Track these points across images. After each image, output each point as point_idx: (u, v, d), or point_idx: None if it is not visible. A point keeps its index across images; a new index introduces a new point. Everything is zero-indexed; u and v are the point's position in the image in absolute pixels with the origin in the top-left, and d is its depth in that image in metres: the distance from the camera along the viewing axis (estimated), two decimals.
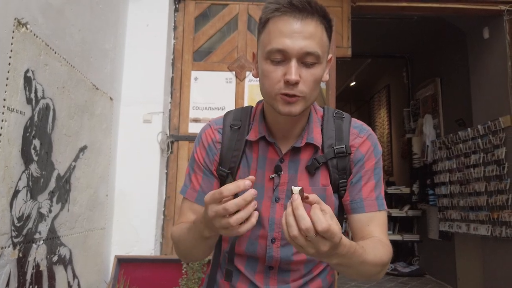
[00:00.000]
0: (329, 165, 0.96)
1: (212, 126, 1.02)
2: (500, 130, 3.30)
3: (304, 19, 0.84)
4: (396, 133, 6.07)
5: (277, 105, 0.88)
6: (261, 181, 0.96)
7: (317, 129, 0.98)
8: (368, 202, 0.95)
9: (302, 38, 0.83)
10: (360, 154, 0.97)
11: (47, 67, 1.69)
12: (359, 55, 5.64)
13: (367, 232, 0.94)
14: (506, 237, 3.19)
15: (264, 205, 0.95)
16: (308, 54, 0.84)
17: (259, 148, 0.98)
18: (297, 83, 0.84)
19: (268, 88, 0.88)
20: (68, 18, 1.92)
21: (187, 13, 3.16)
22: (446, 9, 3.27)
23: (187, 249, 0.94)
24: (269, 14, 0.87)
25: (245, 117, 1.01)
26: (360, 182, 0.96)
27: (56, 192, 1.82)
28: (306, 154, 0.96)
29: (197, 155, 1.01)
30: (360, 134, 0.99)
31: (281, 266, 0.96)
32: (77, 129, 2.06)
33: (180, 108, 3.04)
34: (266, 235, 0.95)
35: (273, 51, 0.85)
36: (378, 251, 0.87)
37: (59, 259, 1.90)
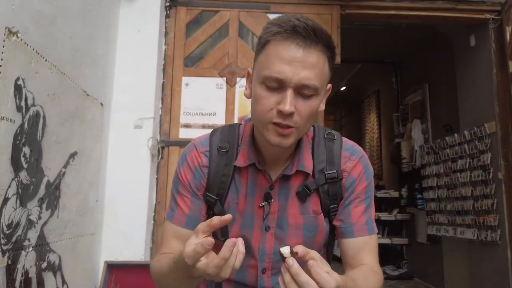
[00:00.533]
0: (320, 191, 0.93)
1: (198, 149, 0.97)
2: (486, 136, 3.37)
3: (307, 48, 0.79)
4: (386, 138, 6.14)
5: (267, 134, 0.83)
6: (250, 210, 0.93)
7: (307, 154, 0.94)
8: (358, 227, 0.93)
9: (302, 67, 0.78)
10: (352, 179, 0.94)
11: (38, 75, 1.70)
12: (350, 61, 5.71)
13: (357, 259, 0.92)
14: (491, 241, 3.25)
15: (255, 234, 0.92)
16: (307, 86, 0.80)
17: (248, 174, 0.94)
18: (291, 114, 0.80)
19: (260, 115, 0.83)
20: (59, 25, 1.93)
21: (178, 19, 3.18)
22: (433, 17, 3.33)
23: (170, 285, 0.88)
24: (270, 36, 0.81)
25: (233, 139, 0.96)
26: (349, 206, 0.94)
27: (46, 199, 1.83)
28: (297, 181, 0.94)
29: (182, 177, 0.96)
30: (351, 157, 0.96)
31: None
32: (68, 136, 2.07)
33: (171, 113, 3.06)
34: (256, 265, 0.93)
35: (270, 77, 0.80)
36: (369, 282, 0.85)
37: (48, 266, 1.91)
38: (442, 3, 3.26)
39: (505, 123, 3.16)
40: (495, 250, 3.25)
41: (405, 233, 5.39)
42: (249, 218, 0.93)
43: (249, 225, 0.93)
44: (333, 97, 7.69)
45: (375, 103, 6.60)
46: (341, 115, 9.07)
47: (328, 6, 3.23)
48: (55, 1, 1.88)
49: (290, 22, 0.79)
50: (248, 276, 0.94)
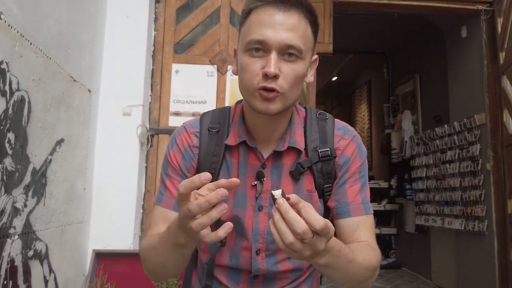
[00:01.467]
0: (313, 170, 0.92)
1: (188, 130, 0.95)
2: (475, 127, 3.39)
3: (287, 11, 0.80)
4: (376, 128, 6.16)
5: (254, 102, 0.82)
6: (243, 189, 0.91)
7: (299, 131, 0.93)
8: (354, 206, 0.91)
9: (284, 29, 0.78)
10: (345, 157, 0.93)
11: (22, 58, 1.65)
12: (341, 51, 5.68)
13: (354, 237, 0.90)
14: (478, 231, 3.29)
15: (248, 214, 0.89)
16: (290, 47, 0.79)
17: (240, 153, 0.92)
18: (276, 77, 0.79)
19: (246, 82, 0.82)
20: (44, 8, 1.87)
21: (168, 4, 3.12)
22: (425, 7, 3.32)
23: (158, 262, 0.85)
24: (251, 4, 0.82)
25: (224, 119, 0.95)
26: (345, 186, 0.92)
27: (32, 186, 1.79)
28: (289, 158, 0.92)
29: (172, 159, 0.94)
30: (344, 136, 0.95)
31: (267, 275, 0.92)
32: (54, 122, 2.02)
33: (161, 101, 3.01)
34: (250, 246, 0.90)
35: (253, 41, 0.80)
36: (366, 254, 0.82)
37: (35, 254, 1.88)
38: None
39: (494, 114, 3.18)
40: (482, 240, 3.29)
41: (393, 223, 5.44)
42: (241, 198, 0.90)
43: (242, 204, 0.90)
44: (324, 87, 7.68)
45: (366, 93, 6.60)
46: (332, 105, 9.08)
47: None
48: None
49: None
50: (242, 260, 0.91)
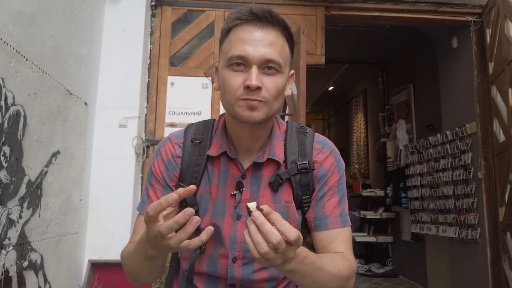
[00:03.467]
0: (292, 181, 0.94)
1: (172, 140, 0.98)
2: (467, 136, 3.44)
3: (265, 28, 0.84)
4: (372, 137, 6.21)
5: (238, 111, 0.84)
6: (222, 198, 0.93)
7: (279, 144, 0.96)
8: (332, 219, 0.93)
9: (263, 45, 0.83)
10: (323, 170, 0.95)
11: (18, 74, 1.70)
12: (336, 61, 5.76)
13: (330, 248, 0.92)
14: (471, 239, 3.32)
15: (226, 223, 0.92)
16: (269, 61, 0.83)
17: (221, 163, 0.95)
18: (259, 89, 0.82)
19: (228, 96, 0.85)
20: (40, 25, 1.93)
21: (164, 18, 3.19)
22: (415, 19, 3.39)
23: (134, 271, 0.88)
24: (230, 23, 0.86)
25: (207, 131, 0.98)
26: (323, 199, 0.94)
27: (27, 198, 1.83)
28: (268, 170, 0.94)
29: (155, 169, 0.97)
30: (323, 149, 0.97)
31: (243, 285, 0.94)
32: (50, 135, 2.07)
33: (156, 112, 3.07)
34: (227, 254, 0.92)
35: (234, 57, 0.83)
36: (336, 262, 0.83)
37: (30, 265, 1.91)
38: (424, 6, 3.32)
39: (485, 123, 3.23)
40: (475, 248, 3.32)
41: (390, 232, 5.46)
42: (220, 207, 0.93)
43: (221, 213, 0.92)
44: (321, 96, 7.75)
45: (362, 103, 6.66)
46: (329, 114, 9.14)
47: (313, 7, 3.27)
48: (36, 0, 1.88)
49: (247, 8, 0.85)
50: (220, 267, 0.93)
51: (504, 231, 2.91)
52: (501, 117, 2.94)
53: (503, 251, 2.93)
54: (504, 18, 2.86)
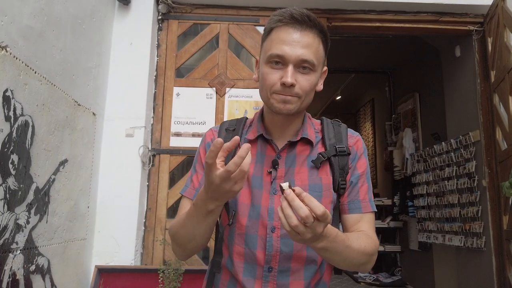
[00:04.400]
0: (332, 162, 1.03)
1: (212, 129, 1.13)
2: (471, 144, 3.45)
3: (303, 31, 0.95)
4: (380, 146, 6.21)
5: (273, 102, 0.96)
6: (259, 173, 1.02)
7: (311, 129, 1.07)
8: (364, 204, 1.04)
9: (300, 46, 0.93)
10: (355, 153, 1.07)
11: (27, 86, 1.80)
12: (343, 70, 5.82)
13: (356, 227, 1.02)
14: (477, 247, 3.31)
15: (264, 196, 1.00)
16: (304, 62, 0.94)
17: (258, 146, 1.05)
18: (293, 86, 0.93)
19: (266, 89, 0.97)
20: (49, 39, 2.04)
21: (170, 31, 3.30)
22: (417, 29, 3.42)
23: (188, 235, 0.96)
24: (273, 24, 0.97)
25: (239, 123, 1.12)
26: (357, 185, 1.04)
27: (34, 204, 1.92)
28: (302, 150, 1.04)
29: (199, 155, 1.09)
30: (353, 135, 1.10)
31: (281, 265, 0.97)
32: (57, 144, 2.16)
33: (162, 122, 3.16)
34: (265, 224, 0.98)
35: (273, 55, 0.95)
36: (362, 240, 0.93)
37: (37, 269, 1.99)
38: (426, 15, 3.36)
39: (488, 131, 3.23)
40: (481, 257, 3.30)
41: (398, 241, 5.43)
42: (258, 181, 1.01)
43: (259, 186, 1.01)
44: (329, 106, 7.78)
45: (370, 112, 6.68)
46: None
47: None
48: (45, 16, 1.99)
49: (288, 11, 0.96)
50: (260, 240, 0.98)
51: (508, 240, 2.89)
52: (503, 125, 2.94)
53: (507, 260, 2.91)
54: (504, 27, 2.88)
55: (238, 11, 3.31)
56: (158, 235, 2.94)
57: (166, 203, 3.02)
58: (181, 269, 2.58)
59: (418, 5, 3.27)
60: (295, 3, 3.27)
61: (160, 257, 2.90)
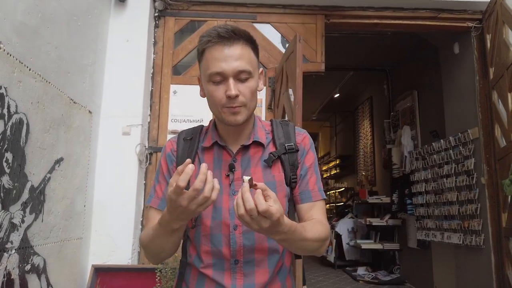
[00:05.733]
0: (283, 160, 1.12)
1: (171, 140, 1.19)
2: (469, 141, 3.43)
3: (232, 45, 1.02)
4: (378, 144, 6.20)
5: (224, 116, 1.04)
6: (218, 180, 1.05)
7: (261, 132, 1.15)
8: (314, 193, 1.14)
9: (234, 60, 1.01)
10: (303, 148, 1.16)
11: (21, 83, 1.78)
12: (341, 68, 5.80)
13: (309, 215, 1.12)
14: (475, 245, 3.30)
15: (224, 199, 1.08)
16: (241, 72, 1.02)
17: (214, 153, 1.13)
18: (237, 96, 1.01)
19: (214, 105, 1.05)
20: (44, 36, 2.01)
21: (167, 29, 3.27)
22: (416, 25, 3.41)
23: (158, 248, 1.04)
24: (204, 45, 1.03)
25: (196, 132, 1.18)
26: (306, 177, 1.14)
27: (30, 203, 1.90)
28: (255, 152, 1.13)
29: (161, 166, 1.16)
30: (300, 132, 1.19)
31: (246, 257, 1.06)
32: (53, 142, 2.14)
33: (159, 120, 3.13)
34: (228, 223, 1.07)
35: (213, 74, 1.01)
36: (316, 229, 1.03)
37: (32, 268, 1.97)
38: (424, 12, 3.34)
39: (487, 129, 3.22)
40: (480, 254, 3.29)
41: (397, 239, 5.42)
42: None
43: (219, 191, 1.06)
44: (327, 103, 7.77)
45: (368, 110, 6.66)
46: (336, 122, 9.14)
47: (313, 16, 3.32)
48: (40, 13, 1.96)
49: (214, 31, 1.03)
50: (223, 238, 1.07)
51: (507, 237, 2.89)
52: (502, 122, 2.93)
53: (506, 257, 2.90)
54: (502, 24, 2.87)
55: (235, 8, 3.29)
56: None
57: None
58: None
59: (416, 1, 3.26)
60: (292, 0, 3.25)
61: None
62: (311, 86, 5.26)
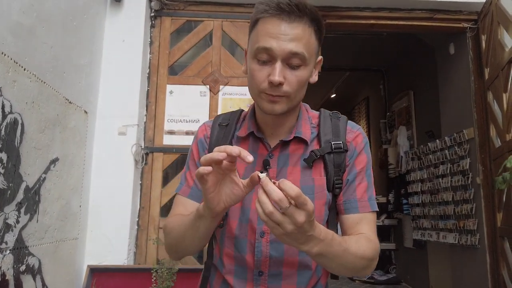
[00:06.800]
0: (326, 160, 0.96)
1: (206, 124, 1.08)
2: (465, 141, 3.45)
3: (292, 22, 0.86)
4: (375, 144, 6.22)
5: (261, 102, 0.91)
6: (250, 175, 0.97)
7: (306, 125, 1.00)
8: (362, 203, 0.96)
9: (288, 40, 0.85)
10: (354, 149, 0.98)
11: (16, 83, 1.77)
12: (338, 68, 5.81)
13: (355, 229, 0.94)
14: (471, 245, 3.31)
15: (254, 200, 0.91)
16: (294, 55, 0.86)
17: (249, 145, 0.99)
18: (281, 84, 0.86)
19: (253, 87, 0.91)
20: (39, 36, 2.00)
21: (163, 29, 3.26)
22: (412, 26, 3.42)
23: (178, 234, 0.92)
24: (259, 14, 0.89)
25: (234, 117, 1.06)
26: (354, 182, 0.96)
27: (24, 203, 1.89)
28: (296, 149, 0.97)
29: (192, 152, 1.05)
30: (353, 129, 1.01)
31: (272, 269, 0.93)
32: (48, 142, 2.13)
33: (155, 120, 3.13)
34: (255, 228, 0.93)
35: (260, 49, 0.87)
36: (361, 244, 0.86)
37: (27, 269, 1.96)
38: (420, 13, 3.35)
39: (482, 129, 3.23)
40: (475, 254, 3.31)
41: (393, 238, 5.44)
42: None
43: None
44: (324, 104, 7.78)
45: (365, 110, 6.68)
46: None
47: None
48: (35, 12, 1.95)
49: (274, 1, 0.87)
50: (249, 245, 0.94)
51: (502, 237, 2.90)
52: (497, 123, 2.94)
53: (501, 257, 2.91)
54: (497, 25, 2.88)
55: (232, 8, 3.29)
56: (151, 234, 2.92)
57: (159, 202, 2.99)
58: (175, 268, 2.56)
59: (412, 2, 3.27)
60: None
61: (154, 256, 2.88)
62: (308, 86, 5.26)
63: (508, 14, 2.74)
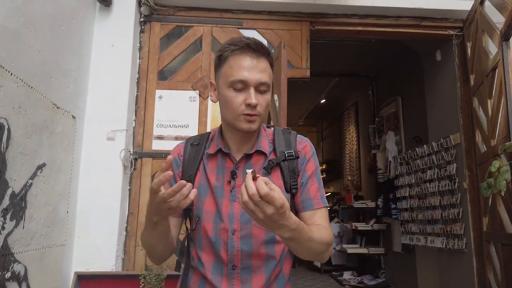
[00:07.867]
0: (282, 167, 1.15)
1: (179, 145, 1.25)
2: (451, 147, 3.50)
3: (258, 58, 1.08)
4: (364, 149, 6.27)
5: (239, 124, 1.09)
6: (220, 183, 1.15)
7: (265, 141, 1.19)
8: (316, 201, 1.15)
9: (258, 71, 1.07)
10: (304, 156, 1.18)
11: (2, 88, 1.75)
12: (327, 74, 5.86)
13: (312, 222, 1.13)
14: (458, 249, 3.35)
15: (225, 204, 1.12)
16: (262, 84, 1.08)
17: (218, 160, 1.17)
18: (256, 106, 1.07)
19: (231, 111, 1.09)
20: (26, 40, 1.99)
21: (152, 34, 3.26)
22: (399, 33, 3.47)
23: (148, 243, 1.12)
24: (230, 52, 1.09)
25: (203, 138, 1.24)
26: (307, 185, 1.16)
27: (10, 209, 1.86)
28: (257, 160, 1.16)
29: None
30: (302, 140, 1.22)
31: (243, 263, 1.08)
32: (35, 148, 2.11)
33: (144, 125, 3.12)
34: (227, 227, 1.10)
35: (236, 81, 1.07)
36: (322, 232, 1.06)
37: (13, 276, 1.93)
38: (407, 20, 3.40)
39: (468, 134, 3.29)
40: (462, 258, 3.34)
41: (382, 243, 5.47)
42: (219, 190, 1.14)
43: (220, 195, 1.13)
44: (314, 109, 7.82)
45: (354, 115, 6.74)
46: (323, 127, 9.21)
47: (298, 22, 3.35)
48: (22, 16, 1.94)
49: (243, 41, 1.09)
50: (222, 243, 1.10)
51: (488, 241, 2.94)
52: (482, 128, 2.99)
53: (487, 261, 2.95)
54: (482, 32, 2.94)
55: (221, 14, 3.30)
56: (139, 240, 2.89)
57: None
58: (163, 274, 2.54)
59: (399, 9, 3.32)
60: (278, 7, 3.29)
61: (142, 263, 2.86)
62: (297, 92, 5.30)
63: (492, 22, 2.80)
